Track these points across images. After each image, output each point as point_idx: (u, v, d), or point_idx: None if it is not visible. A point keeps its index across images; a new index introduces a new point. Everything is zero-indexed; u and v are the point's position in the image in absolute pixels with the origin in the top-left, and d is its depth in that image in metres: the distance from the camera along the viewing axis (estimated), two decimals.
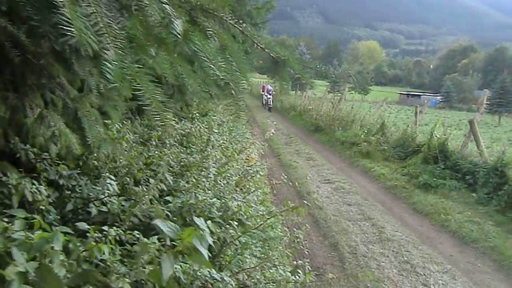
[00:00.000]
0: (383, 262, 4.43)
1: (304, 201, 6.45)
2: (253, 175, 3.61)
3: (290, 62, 1.17)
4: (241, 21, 4.64)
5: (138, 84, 0.94)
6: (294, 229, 4.68)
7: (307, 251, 3.82)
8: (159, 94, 1.01)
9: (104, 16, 0.85)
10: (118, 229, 1.55)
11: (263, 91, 24.10)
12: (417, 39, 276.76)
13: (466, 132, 8.78)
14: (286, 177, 7.67)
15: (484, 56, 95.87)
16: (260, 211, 3.43)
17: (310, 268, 4.31)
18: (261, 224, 2.43)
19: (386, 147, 9.52)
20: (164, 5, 0.91)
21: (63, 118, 2.11)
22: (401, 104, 53.21)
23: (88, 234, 1.56)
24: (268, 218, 2.52)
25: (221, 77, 0.96)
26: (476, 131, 7.96)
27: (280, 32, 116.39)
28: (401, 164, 8.64)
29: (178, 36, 0.92)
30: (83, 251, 1.41)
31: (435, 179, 7.35)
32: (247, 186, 3.35)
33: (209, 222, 1.72)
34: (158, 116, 1.01)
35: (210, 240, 1.25)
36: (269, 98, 21.97)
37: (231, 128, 6.47)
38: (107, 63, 0.83)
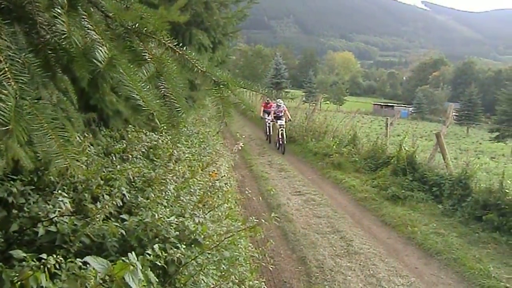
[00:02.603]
0: (349, 276, 4.44)
1: (274, 214, 6.47)
2: (216, 190, 3.56)
3: (231, 86, 1.14)
4: (211, 31, 4.57)
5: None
6: (260, 245, 4.66)
7: (271, 266, 3.77)
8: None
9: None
10: (57, 256, 1.47)
11: (265, 112, 14.36)
12: (391, 51, 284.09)
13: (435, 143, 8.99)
14: (257, 189, 7.68)
15: (453, 69, 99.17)
16: (224, 227, 3.40)
17: (276, 283, 4.31)
18: (218, 244, 2.38)
19: (357, 159, 9.63)
20: (89, 31, 0.87)
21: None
22: (375, 114, 54.25)
23: (24, 262, 1.47)
24: (226, 237, 2.47)
25: (145, 107, 0.92)
26: (442, 144, 8.15)
27: (257, 42, 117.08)
28: (372, 176, 8.75)
29: (101, 63, 0.88)
30: (18, 281, 1.33)
31: (403, 191, 7.47)
32: (210, 202, 3.30)
33: (156, 246, 1.66)
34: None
35: (141, 275, 1.20)
36: (281, 125, 12.14)
37: (201, 140, 6.41)
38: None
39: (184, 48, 1.18)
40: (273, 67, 57.43)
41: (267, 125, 14.48)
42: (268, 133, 14.77)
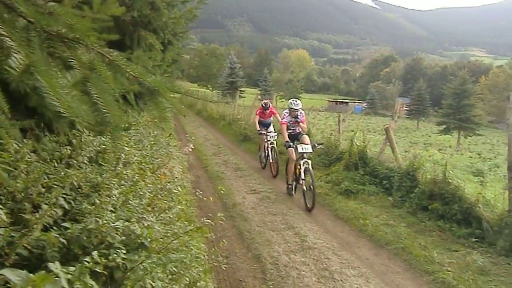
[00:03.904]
0: (303, 271, 4.55)
1: (229, 213, 6.52)
2: (167, 192, 3.54)
3: (162, 92, 1.17)
4: (160, 32, 4.53)
5: None
6: (215, 245, 4.69)
7: (225, 266, 3.81)
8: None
9: None
10: None
11: (262, 126, 10.13)
12: (344, 48, 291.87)
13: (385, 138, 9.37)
14: (212, 189, 7.68)
15: (403, 65, 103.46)
16: (175, 229, 3.39)
17: (231, 282, 4.35)
18: (166, 246, 2.39)
19: (311, 155, 9.83)
20: (2, 38, 0.87)
21: None
22: (330, 110, 55.62)
23: None
24: (174, 240, 2.48)
25: (66, 114, 0.93)
26: (391, 138, 8.51)
27: (212, 41, 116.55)
28: (326, 172, 8.99)
29: (15, 70, 0.87)
30: None
31: (355, 185, 7.74)
32: (160, 205, 3.28)
33: (95, 252, 1.65)
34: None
35: (66, 285, 1.19)
36: (303, 153, 7.13)
37: (152, 142, 6.33)
38: None
39: (133, 49, 1.19)
40: (228, 66, 57.39)
41: (267, 146, 9.65)
42: (266, 158, 9.85)
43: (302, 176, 6.97)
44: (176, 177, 5.37)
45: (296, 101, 8.00)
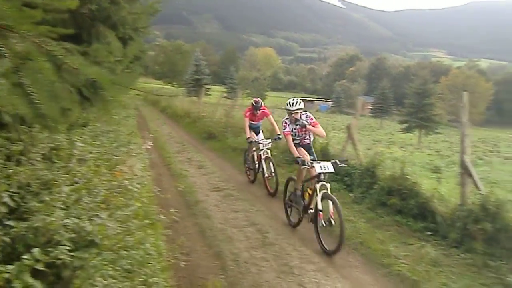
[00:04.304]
0: (263, 266, 4.60)
1: (192, 210, 6.50)
2: (123, 190, 3.49)
3: (104, 85, 1.15)
4: (120, 27, 4.47)
5: None
6: (176, 243, 4.67)
7: (185, 264, 3.80)
8: None
9: None
10: None
11: (253, 130, 8.75)
12: (310, 47, 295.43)
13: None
14: (175, 186, 7.62)
15: (368, 64, 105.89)
16: (132, 227, 3.35)
17: (191, 280, 4.34)
18: (117, 243, 2.36)
19: (275, 153, 9.93)
20: None
21: None
22: None
23: None
24: (126, 236, 2.46)
25: None
26: (353, 136, 8.72)
27: (177, 37, 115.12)
28: (289, 169, 9.10)
29: None
30: None
31: None
32: (115, 202, 3.23)
33: (35, 250, 1.62)
34: None
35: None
36: (321, 178, 5.32)
37: (112, 139, 6.19)
38: None
39: (91, 44, 1.16)
40: (194, 63, 56.86)
41: (258, 156, 8.17)
42: (257, 171, 8.34)
43: (319, 205, 5.19)
44: (136, 175, 5.29)
45: (294, 99, 6.04)
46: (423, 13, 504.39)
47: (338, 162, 5.51)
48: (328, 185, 5.31)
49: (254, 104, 8.43)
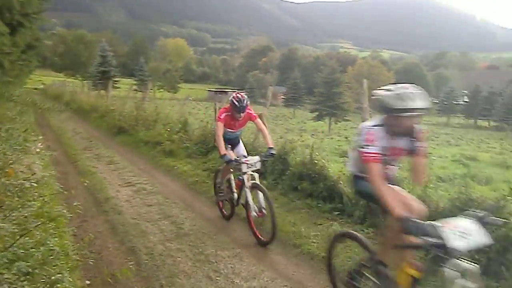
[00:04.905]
0: (179, 257, 4.64)
1: (102, 207, 6.28)
2: (17, 190, 3.29)
3: None
4: (5, 12, 4.16)
5: None
6: (86, 242, 4.51)
7: (95, 262, 3.70)
8: None
9: None
10: None
11: (229, 142, 5.89)
12: (223, 37, 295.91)
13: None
14: (82, 184, 7.29)
15: (280, 55, 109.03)
16: (30, 227, 3.18)
17: (103, 277, 4.23)
18: (13, 244, 2.25)
19: (189, 145, 9.94)
20: None
21: None
22: (210, 100, 56.16)
23: None
24: (21, 236, 2.35)
25: None
26: (265, 124, 9.00)
27: (79, 26, 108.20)
28: (203, 160, 9.16)
29: None
30: None
31: None
32: (8, 202, 3.03)
33: None
34: None
35: None
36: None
37: (2, 137, 5.71)
38: None
39: None
40: (99, 54, 53.91)
41: (240, 182, 5.58)
42: (235, 204, 5.83)
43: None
44: (35, 173, 4.97)
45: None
46: (329, 5, 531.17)
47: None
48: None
49: (235, 102, 5.38)
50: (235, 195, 5.81)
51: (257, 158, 5.44)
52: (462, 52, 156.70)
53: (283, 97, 66.21)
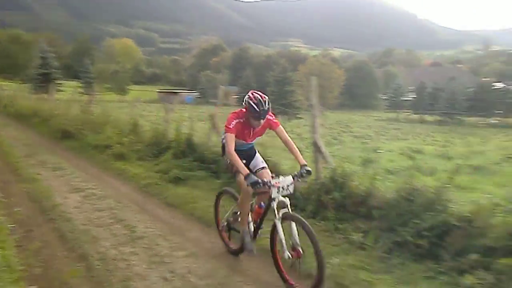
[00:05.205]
0: (133, 260, 4.63)
1: (48, 216, 6.10)
2: None
3: None
4: None
5: None
6: (33, 253, 4.40)
7: (42, 272, 3.63)
8: None
9: None
10: None
11: (241, 143, 4.42)
12: (172, 37, 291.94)
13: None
14: (26, 193, 7.04)
15: (231, 54, 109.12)
16: None
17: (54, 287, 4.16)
18: None
19: (140, 147, 9.84)
20: None
21: None
22: (161, 102, 55.35)
23: None
24: None
25: None
26: (216, 124, 9.10)
27: (14, 25, 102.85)
28: (155, 162, 9.12)
29: None
30: None
31: (184, 172, 8.10)
32: None
33: None
34: None
35: None
36: None
37: None
38: None
39: None
40: (39, 55, 51.56)
41: (254, 210, 4.63)
42: (250, 235, 4.55)
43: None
44: None
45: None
46: (279, 4, 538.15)
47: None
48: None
49: (253, 106, 4.12)
50: (251, 226, 4.60)
51: (290, 179, 4.06)
52: (408, 50, 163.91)
53: (236, 96, 66.44)
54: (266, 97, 4.24)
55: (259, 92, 4.27)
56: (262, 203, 4.47)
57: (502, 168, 11.09)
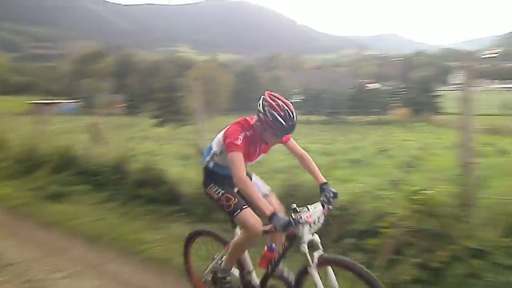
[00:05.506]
0: None
1: None
2: None
3: None
4: None
5: None
6: None
7: None
8: None
9: None
10: None
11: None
12: (45, 42, 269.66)
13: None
14: None
15: (114, 61, 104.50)
16: None
17: None
18: None
19: (8, 164, 8.94)
20: None
21: None
22: (34, 114, 50.89)
23: None
24: None
25: None
26: (100, 134, 8.69)
27: None
28: (28, 179, 8.35)
29: None
30: None
31: (64, 187, 7.56)
32: None
33: None
34: None
35: None
36: None
37: None
38: None
39: None
40: None
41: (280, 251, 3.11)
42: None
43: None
44: None
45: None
46: (164, 8, 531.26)
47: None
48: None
49: (280, 118, 2.97)
50: (253, 277, 3.44)
51: (319, 208, 2.98)
52: (292, 54, 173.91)
53: (122, 105, 63.77)
54: (292, 106, 3.01)
55: (281, 98, 3.05)
56: (272, 245, 3.16)
57: (376, 161, 12.39)
